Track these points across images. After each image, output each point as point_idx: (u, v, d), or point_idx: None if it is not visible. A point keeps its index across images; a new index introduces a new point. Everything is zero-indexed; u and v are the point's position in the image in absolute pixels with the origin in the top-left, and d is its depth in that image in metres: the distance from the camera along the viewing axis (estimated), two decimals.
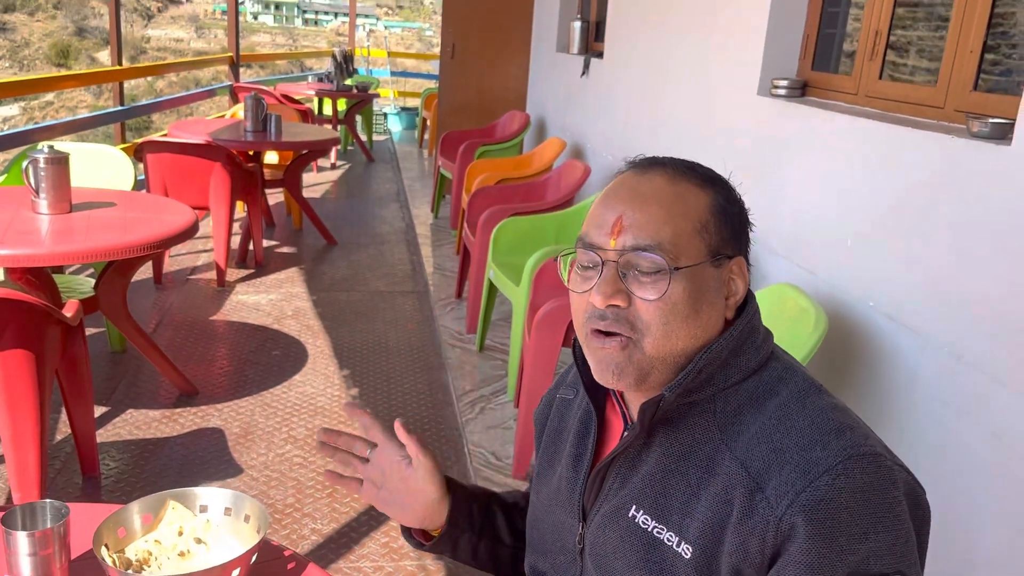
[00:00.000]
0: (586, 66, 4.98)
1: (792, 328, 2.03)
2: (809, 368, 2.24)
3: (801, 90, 2.72)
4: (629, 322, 0.89)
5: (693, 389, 0.90)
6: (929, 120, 2.15)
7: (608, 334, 0.90)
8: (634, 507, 0.92)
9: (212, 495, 1.12)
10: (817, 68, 2.75)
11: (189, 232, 2.76)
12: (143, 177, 4.41)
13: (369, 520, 2.44)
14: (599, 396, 1.02)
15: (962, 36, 2.05)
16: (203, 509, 1.11)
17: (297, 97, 7.34)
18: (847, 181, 2.27)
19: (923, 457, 1.91)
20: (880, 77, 2.42)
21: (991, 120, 1.81)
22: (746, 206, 0.97)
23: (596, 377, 0.93)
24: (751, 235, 0.97)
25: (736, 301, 0.94)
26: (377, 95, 9.01)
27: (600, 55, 4.80)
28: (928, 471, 1.89)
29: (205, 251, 4.94)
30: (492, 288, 3.47)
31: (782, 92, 2.71)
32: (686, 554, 0.87)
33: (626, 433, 0.97)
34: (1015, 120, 1.71)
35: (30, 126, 4.71)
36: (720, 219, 0.92)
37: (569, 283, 0.94)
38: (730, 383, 0.91)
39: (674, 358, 0.90)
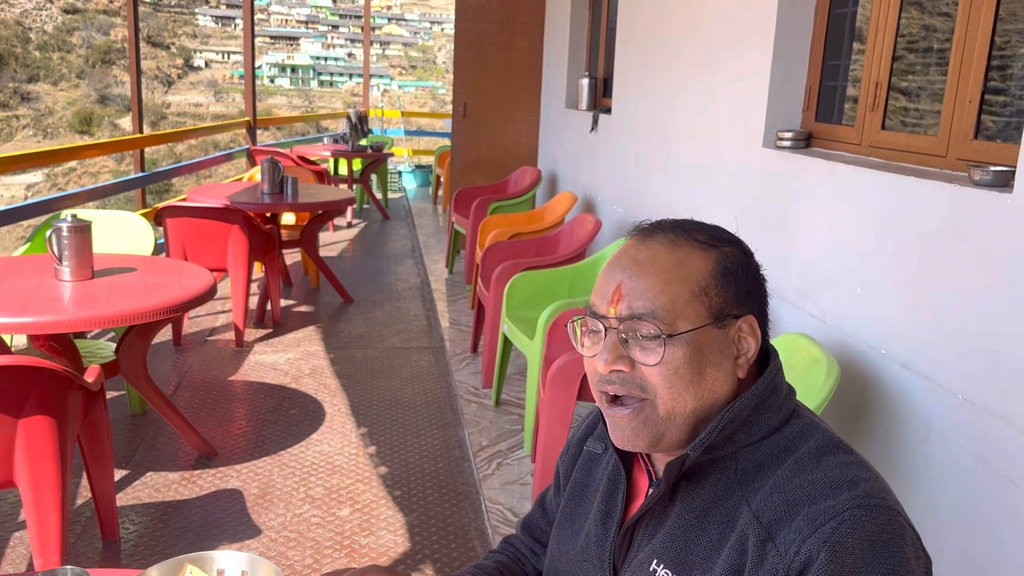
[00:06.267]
0: (595, 122, 5.07)
1: (804, 378, 2.03)
2: (824, 418, 2.24)
3: (806, 141, 2.77)
4: (638, 384, 0.92)
5: (715, 446, 0.92)
6: (932, 169, 2.18)
7: (620, 399, 0.94)
8: (655, 561, 0.94)
9: (229, 559, 1.13)
10: (820, 119, 2.79)
11: (208, 295, 2.81)
12: (163, 241, 4.51)
13: None
14: (627, 454, 1.05)
15: (960, 87, 2.09)
16: (220, 573, 1.13)
17: (313, 158, 7.49)
18: (853, 230, 2.29)
19: (942, 504, 1.89)
20: (883, 127, 2.46)
21: (992, 168, 1.84)
22: (757, 261, 0.98)
23: (613, 440, 0.97)
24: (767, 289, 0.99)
25: (748, 359, 0.95)
26: (391, 154, 9.17)
27: (608, 111, 4.89)
28: (948, 518, 1.88)
29: (224, 312, 5.00)
30: (507, 342, 3.50)
31: (787, 144, 2.75)
32: None
33: (651, 491, 0.99)
34: (1016, 168, 1.73)
35: (53, 195, 4.81)
36: (723, 281, 0.93)
37: (581, 348, 0.98)
38: (751, 440, 0.93)
39: (684, 418, 0.92)
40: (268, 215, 4.92)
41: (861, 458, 0.92)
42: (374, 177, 9.11)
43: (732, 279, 0.94)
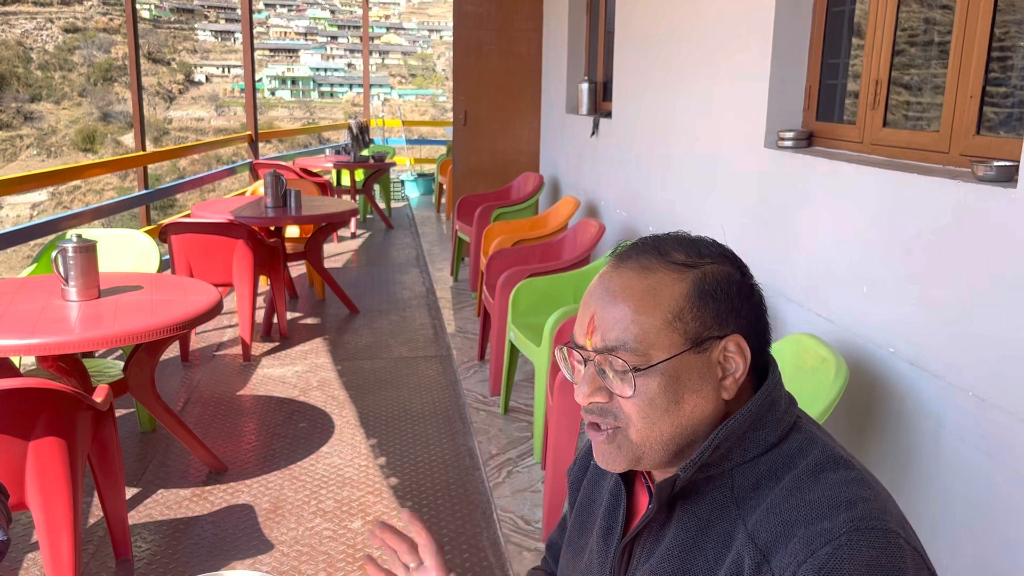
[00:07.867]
0: (595, 126, 5.07)
1: (813, 379, 2.03)
2: (833, 419, 2.23)
3: (807, 141, 2.76)
4: (612, 414, 0.92)
5: (710, 464, 0.91)
6: (935, 165, 2.17)
7: (596, 424, 0.94)
8: None
9: None
10: (821, 118, 2.79)
11: (214, 311, 2.82)
12: (168, 257, 4.52)
13: None
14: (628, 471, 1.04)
15: (961, 82, 2.08)
16: None
17: (315, 170, 7.50)
18: (858, 228, 2.28)
19: (955, 502, 1.88)
20: (884, 124, 2.45)
21: (995, 163, 1.83)
22: (748, 275, 0.95)
23: (596, 460, 0.97)
24: (764, 295, 0.96)
25: (736, 380, 0.91)
26: (393, 163, 9.19)
27: (609, 115, 4.89)
28: (961, 516, 1.87)
29: (231, 327, 5.01)
30: (514, 349, 3.49)
31: (788, 143, 2.75)
32: None
33: (650, 507, 0.98)
34: (1019, 163, 1.73)
35: (58, 215, 4.83)
36: (701, 304, 0.90)
37: (571, 374, 0.98)
38: (748, 457, 0.91)
39: (662, 444, 0.91)
40: (272, 229, 4.93)
41: (863, 474, 0.89)
42: (377, 187, 9.11)
43: (711, 300, 0.91)
